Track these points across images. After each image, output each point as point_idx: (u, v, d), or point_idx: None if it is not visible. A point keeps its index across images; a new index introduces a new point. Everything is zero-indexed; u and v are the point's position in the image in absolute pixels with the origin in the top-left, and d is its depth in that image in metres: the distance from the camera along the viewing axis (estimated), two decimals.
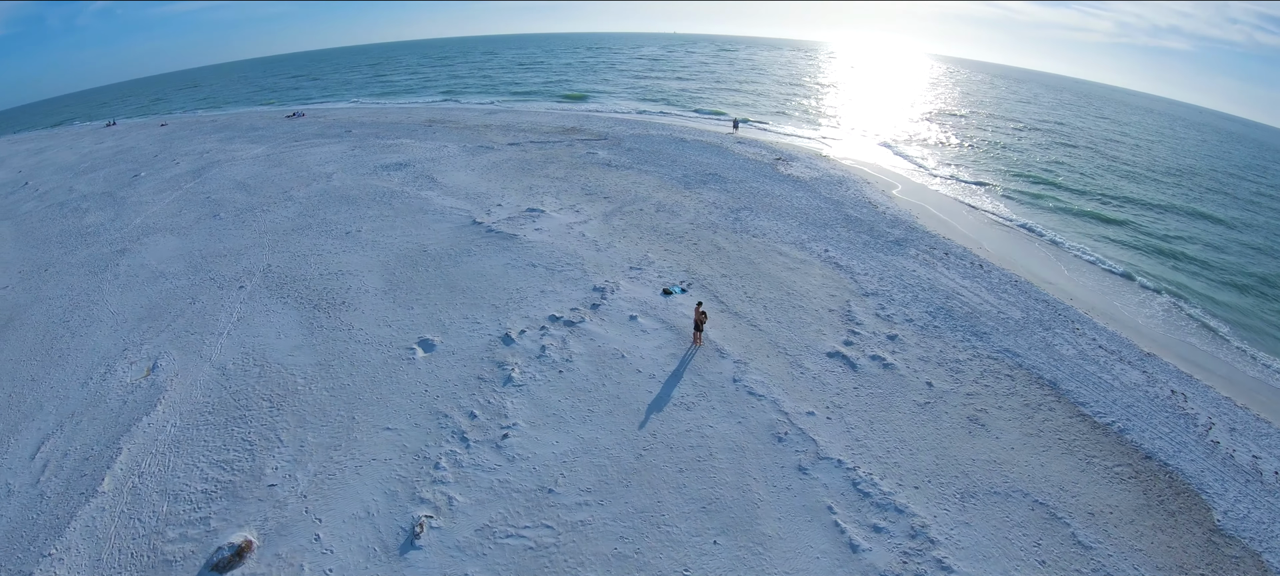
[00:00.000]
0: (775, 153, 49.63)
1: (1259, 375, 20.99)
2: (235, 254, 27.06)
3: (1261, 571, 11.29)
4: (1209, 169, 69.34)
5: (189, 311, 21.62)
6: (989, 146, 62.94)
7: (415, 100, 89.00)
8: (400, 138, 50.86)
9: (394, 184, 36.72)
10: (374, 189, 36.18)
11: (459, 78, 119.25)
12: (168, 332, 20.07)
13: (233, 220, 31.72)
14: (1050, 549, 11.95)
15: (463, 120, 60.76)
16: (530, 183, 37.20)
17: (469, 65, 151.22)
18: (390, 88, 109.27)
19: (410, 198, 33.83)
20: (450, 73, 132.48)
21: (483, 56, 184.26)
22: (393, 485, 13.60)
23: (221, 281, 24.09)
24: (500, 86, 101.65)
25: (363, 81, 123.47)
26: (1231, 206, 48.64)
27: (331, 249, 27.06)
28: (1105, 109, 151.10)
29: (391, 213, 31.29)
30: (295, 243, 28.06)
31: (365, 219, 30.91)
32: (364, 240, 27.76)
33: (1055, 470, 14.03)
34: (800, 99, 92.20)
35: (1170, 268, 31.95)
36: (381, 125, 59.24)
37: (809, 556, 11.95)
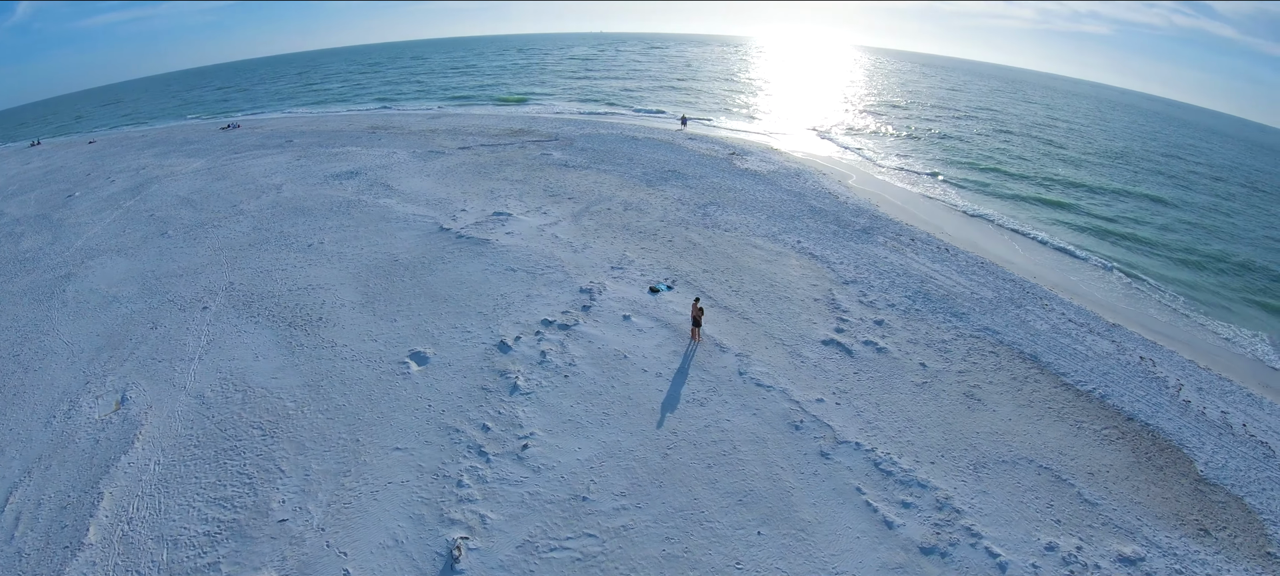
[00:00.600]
0: (728, 148, 50.89)
1: (1214, 341, 23.82)
2: (191, 273, 25.30)
3: (1245, 513, 12.93)
4: (1142, 150, 76.84)
5: (151, 337, 19.87)
6: (931, 136, 67.02)
7: (352, 108, 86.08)
8: (345, 146, 49.26)
9: (349, 193, 35.28)
10: (329, 199, 34.53)
11: (392, 84, 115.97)
12: (132, 361, 18.32)
13: (183, 238, 29.70)
14: (1061, 508, 13.15)
15: (406, 126, 59.07)
16: (490, 186, 36.49)
17: (399, 71, 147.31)
18: (323, 96, 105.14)
19: (369, 206, 32.48)
20: (382, 79, 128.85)
21: (412, 61, 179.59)
22: (417, 508, 13.12)
23: (181, 303, 22.34)
24: (437, 91, 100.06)
25: (293, 90, 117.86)
26: (1167, 186, 54.12)
27: (295, 263, 25.59)
28: (1033, 94, 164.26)
29: (352, 222, 29.96)
30: (255, 258, 26.46)
31: (325, 230, 29.43)
32: (328, 252, 26.39)
33: (1051, 437, 15.40)
34: (739, 94, 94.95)
35: (1123, 249, 35.10)
36: (323, 133, 56.94)
37: (849, 537, 12.56)
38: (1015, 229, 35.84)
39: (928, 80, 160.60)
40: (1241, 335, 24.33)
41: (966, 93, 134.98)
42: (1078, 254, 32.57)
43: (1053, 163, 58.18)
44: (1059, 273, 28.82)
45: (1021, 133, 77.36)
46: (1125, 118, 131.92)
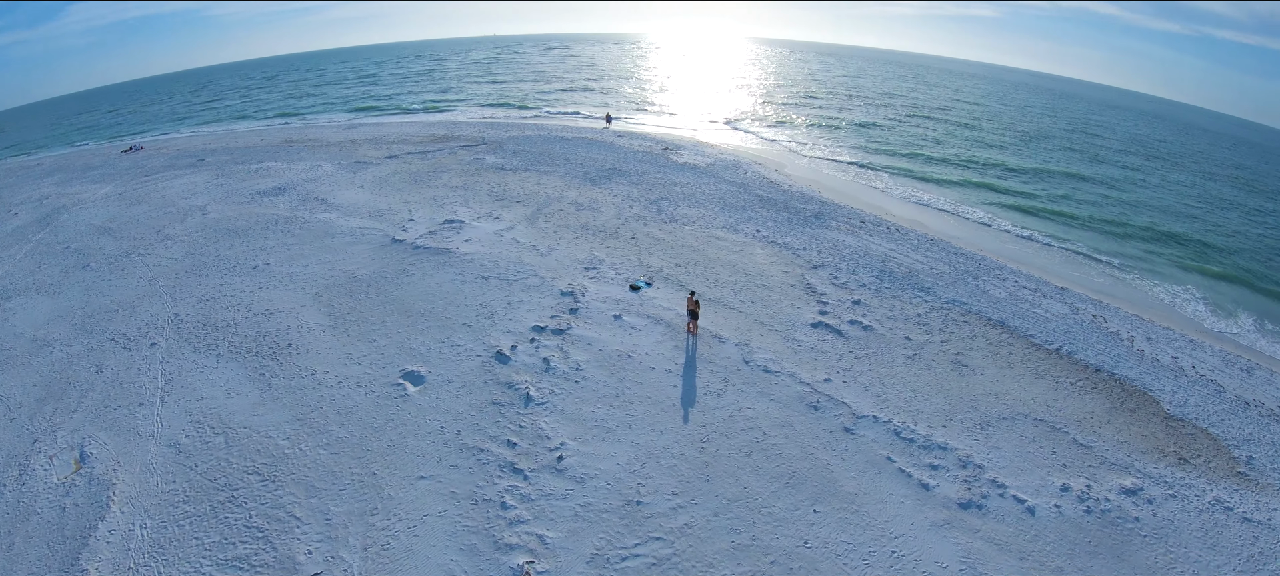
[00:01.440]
0: (659, 143, 51.96)
1: (1150, 297, 27.70)
2: (128, 307, 22.35)
3: (1212, 442, 15.45)
4: (1052, 129, 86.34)
5: (99, 382, 17.11)
6: (850, 124, 71.81)
7: (257, 123, 79.78)
8: (264, 161, 45.66)
9: (282, 210, 32.51)
10: (262, 217, 31.61)
11: (294, 97, 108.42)
12: (82, 412, 15.66)
13: (108, 269, 26.16)
14: (1063, 453, 14.99)
15: (323, 138, 55.49)
16: (431, 194, 34.92)
17: (297, 83, 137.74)
18: (222, 113, 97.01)
19: (307, 222, 30.06)
20: (282, 92, 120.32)
21: (308, 73, 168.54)
22: (465, 538, 12.49)
23: (124, 341, 19.55)
24: (342, 102, 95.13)
25: (189, 109, 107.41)
26: (1082, 162, 61.04)
27: (243, 287, 23.19)
28: (932, 78, 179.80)
29: (294, 240, 27.64)
30: (196, 285, 23.79)
31: (267, 250, 26.90)
32: (277, 273, 24.11)
33: (1036, 392, 17.44)
34: (650, 91, 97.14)
35: (1053, 223, 39.04)
36: (236, 150, 52.48)
37: (895, 503, 13.56)
38: (951, 210, 39.39)
39: (830, 70, 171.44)
40: (1172, 291, 28.74)
41: (871, 79, 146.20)
42: (1014, 229, 36.43)
43: (972, 145, 64.07)
44: (1002, 245, 32.31)
45: (935, 117, 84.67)
46: (1025, 96, 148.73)
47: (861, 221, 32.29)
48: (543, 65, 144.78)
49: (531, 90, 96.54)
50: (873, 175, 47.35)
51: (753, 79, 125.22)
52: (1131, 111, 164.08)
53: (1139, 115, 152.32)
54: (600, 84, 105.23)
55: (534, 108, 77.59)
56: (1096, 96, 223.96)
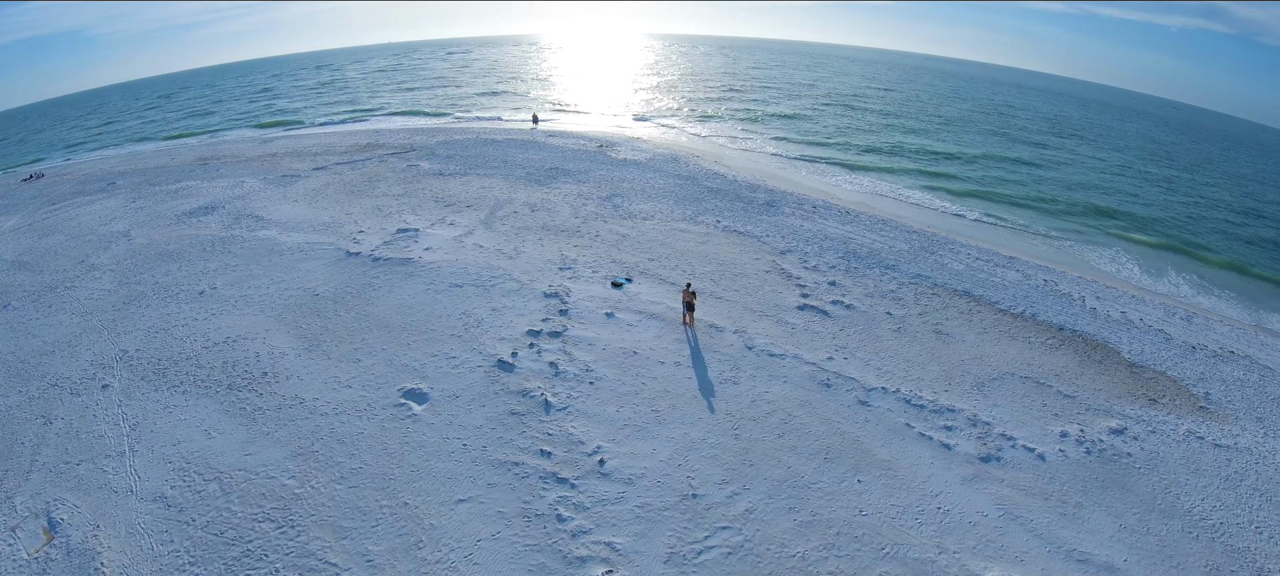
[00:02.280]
0: (593, 140, 51.97)
1: (1087, 261, 31.17)
2: (65, 347, 19.28)
3: (1173, 383, 18.02)
4: (968, 112, 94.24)
5: (50, 436, 14.36)
6: (772, 116, 75.18)
7: (162, 143, 71.80)
8: (181, 181, 41.13)
9: (215, 230, 29.40)
10: (194, 239, 28.39)
11: (196, 115, 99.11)
12: (39, 472, 13.02)
13: (33, 306, 22.51)
14: (1053, 404, 16.90)
15: (239, 153, 50.92)
16: (374, 203, 32.74)
17: (194, 101, 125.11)
18: (120, 135, 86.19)
19: (247, 241, 27.39)
20: (181, 111, 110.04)
21: (205, 89, 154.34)
22: (531, 558, 12.00)
23: (70, 386, 16.64)
24: (248, 117, 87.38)
25: (82, 135, 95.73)
26: (1002, 143, 67.11)
27: (194, 315, 20.65)
28: (834, 66, 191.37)
29: (238, 261, 25.06)
30: (139, 317, 20.94)
31: (210, 273, 24.14)
32: (228, 297, 21.63)
33: (1015, 352, 19.46)
34: (568, 90, 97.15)
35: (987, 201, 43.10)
36: (147, 171, 47.12)
37: (925, 464, 14.67)
38: (892, 193, 42.39)
39: (738, 63, 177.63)
40: (1106, 255, 32.98)
41: (779, 70, 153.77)
42: (952, 208, 39.85)
43: (896, 132, 68.96)
44: (945, 222, 35.39)
45: (855, 106, 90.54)
46: (928, 80, 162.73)
47: (813, 207, 34.15)
48: (447, 71, 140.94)
49: (444, 96, 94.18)
50: (809, 163, 50.09)
51: (667, 75, 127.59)
52: (1031, 90, 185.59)
53: (1040, 93, 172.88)
54: (512, 87, 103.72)
55: (451, 113, 75.70)
56: (991, 76, 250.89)
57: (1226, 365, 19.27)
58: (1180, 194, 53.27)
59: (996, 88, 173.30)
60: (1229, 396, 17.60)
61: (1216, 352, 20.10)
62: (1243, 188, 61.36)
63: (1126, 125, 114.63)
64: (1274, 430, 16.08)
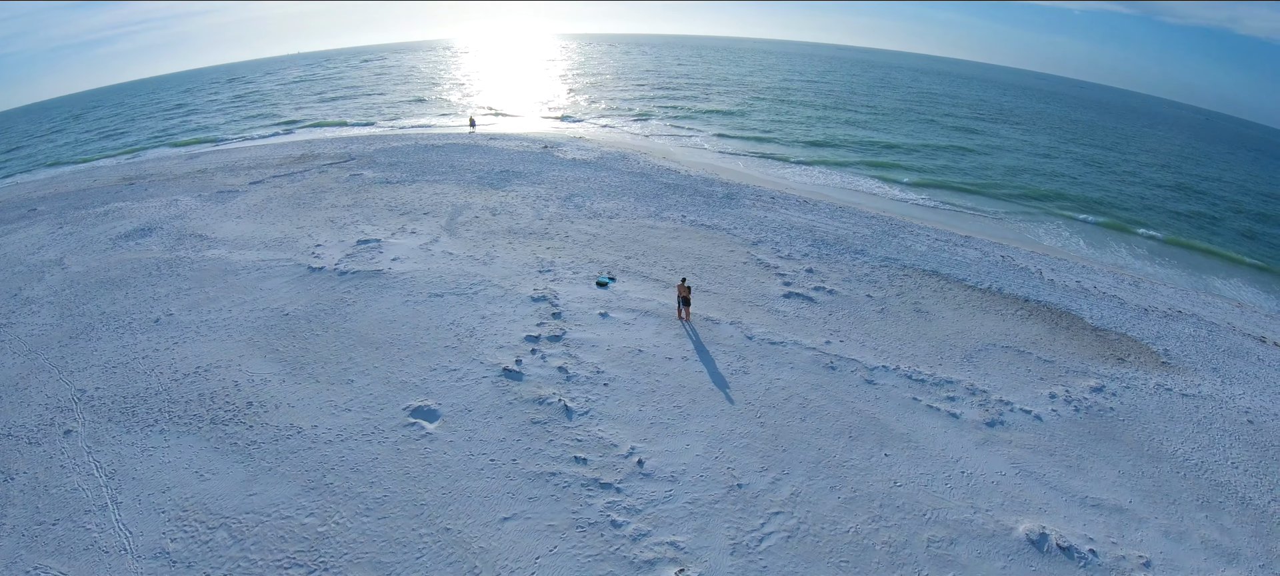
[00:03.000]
0: (536, 142, 51.30)
1: (1036, 236, 33.91)
2: (12, 391, 16.73)
3: (1135, 343, 20.24)
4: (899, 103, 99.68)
5: (15, 494, 12.21)
6: (709, 111, 77.07)
7: (80, 166, 63.41)
8: (109, 202, 36.54)
9: (157, 252, 26.43)
10: (137, 263, 25.41)
11: (109, 137, 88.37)
12: (11, 538, 11.02)
13: None
14: (1036, 369, 18.59)
15: (166, 171, 46.04)
16: (325, 216, 30.69)
17: (105, 121, 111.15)
18: (29, 160, 75.82)
19: (196, 262, 24.93)
20: (93, 132, 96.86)
21: (115, 109, 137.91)
22: (596, 568, 11.77)
23: (27, 435, 14.32)
24: (166, 134, 79.37)
25: None
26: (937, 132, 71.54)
27: (153, 345, 18.47)
28: (755, 59, 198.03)
29: (190, 284, 22.73)
30: (91, 352, 18.47)
31: (162, 299, 21.74)
32: (188, 323, 19.49)
33: (991, 324, 21.19)
34: (495, 93, 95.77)
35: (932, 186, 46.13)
36: (69, 194, 41.31)
37: (940, 434, 15.72)
38: (841, 182, 44.72)
39: (661, 60, 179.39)
40: (1050, 229, 36.45)
41: (702, 66, 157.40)
42: (900, 194, 42.52)
43: (831, 124, 72.07)
44: (898, 207, 37.73)
45: (787, 100, 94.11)
46: (850, 70, 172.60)
47: (771, 198, 35.41)
48: (366, 79, 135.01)
49: (369, 104, 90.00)
50: (758, 158, 51.82)
51: (594, 74, 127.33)
52: (950, 77, 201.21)
53: (958, 79, 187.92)
54: (437, 92, 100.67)
55: (379, 121, 72.55)
56: (907, 65, 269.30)
57: (1177, 323, 22.04)
58: (1107, 170, 60.24)
59: (916, 76, 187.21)
60: (1185, 351, 20.14)
61: (1166, 313, 22.93)
62: (1160, 160, 70.41)
63: (1045, 107, 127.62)
64: (1229, 378, 18.62)
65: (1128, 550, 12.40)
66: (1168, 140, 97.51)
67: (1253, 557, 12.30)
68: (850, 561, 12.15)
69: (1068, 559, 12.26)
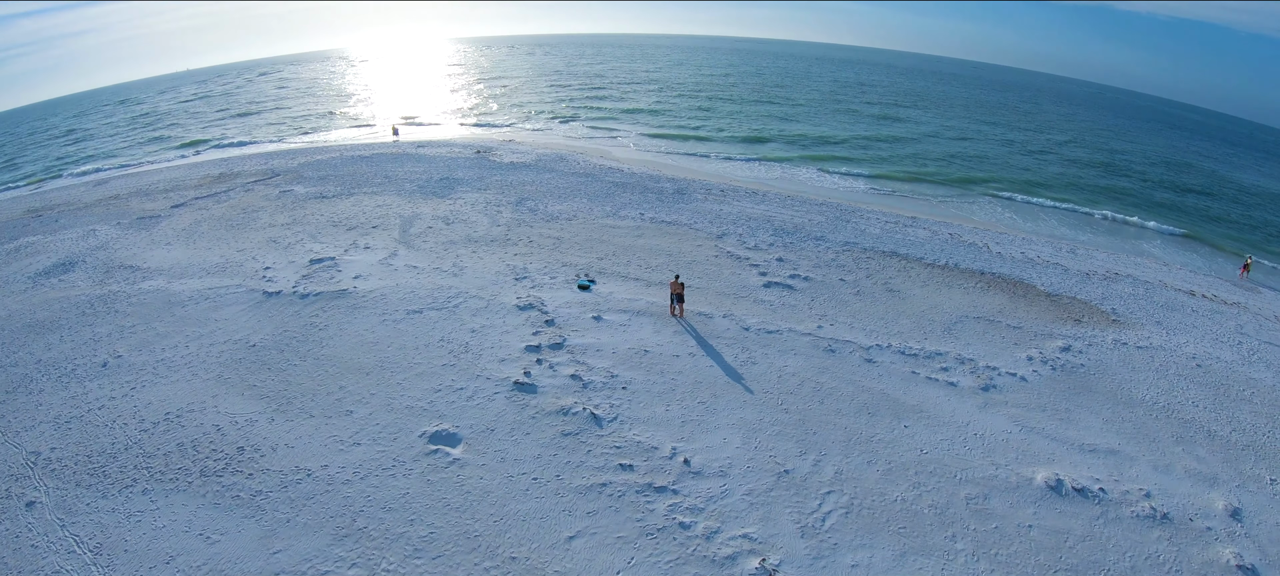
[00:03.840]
0: (467, 147, 49.77)
1: (975, 213, 36.90)
2: None
3: (1085, 304, 22.79)
4: (810, 93, 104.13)
5: None
6: (634, 110, 77.47)
7: None
8: (17, 238, 31.27)
9: (85, 288, 22.84)
10: (66, 302, 21.87)
11: (8, 168, 72.39)
12: None
13: None
14: (1007, 336, 20.58)
15: (74, 200, 39.56)
16: (265, 236, 28.02)
17: None
18: None
19: (132, 296, 21.89)
20: None
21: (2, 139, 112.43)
22: (680, 570, 11.71)
23: None
24: (64, 162, 69.15)
25: None
26: (855, 119, 75.48)
27: (107, 393, 16.01)
28: (660, 56, 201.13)
29: (134, 321, 19.96)
30: (36, 407, 15.82)
31: (103, 340, 18.86)
32: (140, 365, 17.06)
33: (958, 298, 23.16)
34: (407, 101, 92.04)
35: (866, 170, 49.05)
36: None
37: (944, 402, 17.06)
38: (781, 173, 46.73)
39: (569, 61, 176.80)
40: (983, 206, 40.03)
41: (613, 63, 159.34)
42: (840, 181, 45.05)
43: (756, 118, 74.35)
44: (842, 194, 39.97)
45: (702, 92, 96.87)
46: (759, 62, 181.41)
47: (721, 191, 36.43)
48: (267, 92, 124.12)
49: (278, 118, 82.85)
50: (696, 156, 53.23)
51: (505, 77, 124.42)
52: (856, 65, 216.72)
53: (863, 67, 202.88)
54: (345, 103, 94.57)
55: (293, 135, 67.36)
56: (807, 53, 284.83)
57: (1117, 284, 25.23)
58: (1021, 148, 67.72)
59: (823, 64, 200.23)
60: (1130, 309, 23.12)
61: (1106, 276, 26.17)
62: (1066, 134, 79.61)
63: (952, 89, 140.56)
64: (1171, 329, 21.62)
65: (1129, 485, 14.20)
66: (1068, 115, 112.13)
67: (1229, 480, 14.53)
68: (906, 527, 12.99)
69: (1084, 498, 13.84)
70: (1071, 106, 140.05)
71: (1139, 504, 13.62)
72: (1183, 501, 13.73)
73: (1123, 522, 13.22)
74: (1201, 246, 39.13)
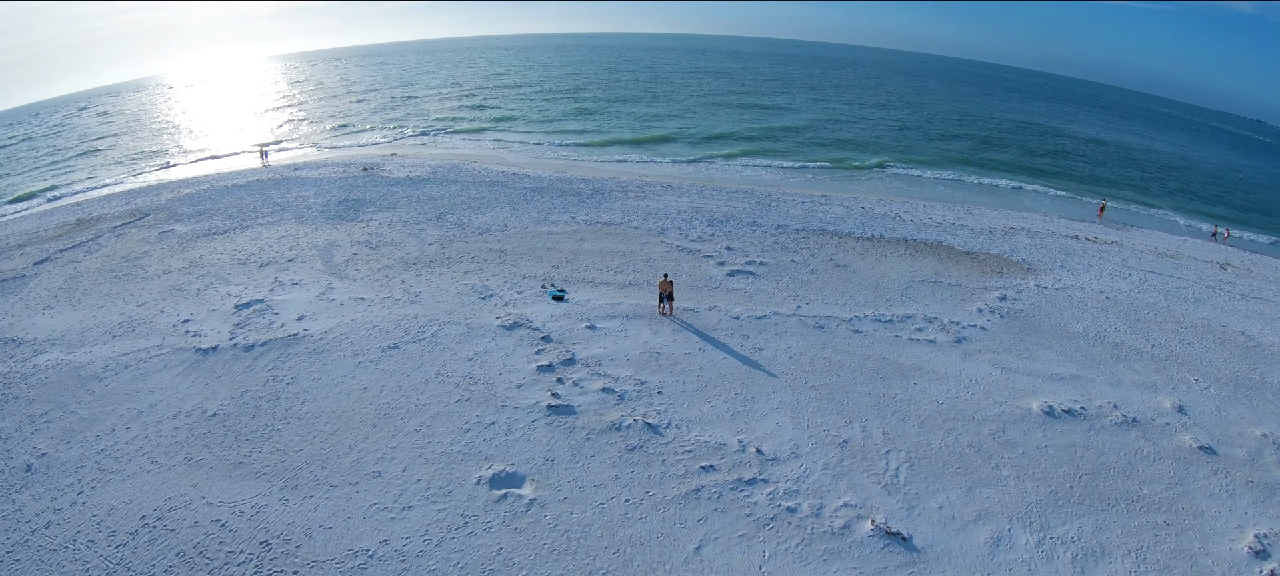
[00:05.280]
0: (350, 165, 45.86)
1: (875, 186, 40.68)
2: None
3: (1001, 259, 26.80)
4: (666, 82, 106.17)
5: None
6: (498, 118, 74.87)
7: None
8: None
9: None
10: None
11: None
12: None
13: None
14: (953, 293, 23.80)
15: None
16: (167, 284, 23.40)
17: None
18: None
19: (29, 377, 17.15)
20: None
21: None
22: (811, 551, 12.18)
23: None
24: None
25: None
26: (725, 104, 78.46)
27: (50, 504, 12.52)
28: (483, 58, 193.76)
29: (43, 407, 15.56)
30: None
31: (13, 436, 14.76)
32: (76, 462, 13.34)
33: (898, 265, 26.15)
34: (260, 122, 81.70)
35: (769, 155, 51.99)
36: None
37: (933, 358, 19.39)
38: (677, 164, 48.35)
39: (405, 70, 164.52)
40: (880, 176, 44.09)
41: (445, 70, 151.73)
42: (741, 168, 47.54)
43: (616, 116, 75.11)
44: (751, 179, 42.53)
45: (555, 95, 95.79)
46: (607, 56, 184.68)
47: (637, 188, 37.00)
48: (92, 126, 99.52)
49: (119, 154, 67.86)
50: (590, 155, 53.05)
51: (350, 91, 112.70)
52: (693, 53, 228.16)
53: (718, 55, 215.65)
54: (189, 134, 79.17)
55: (144, 171, 56.77)
56: (666, 45, 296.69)
57: (1017, 238, 30.06)
58: (891, 124, 76.58)
59: (658, 54, 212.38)
60: (1037, 257, 27.78)
61: (1005, 231, 31.01)
62: (922, 105, 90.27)
63: (795, 71, 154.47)
64: (1076, 270, 26.43)
65: (1099, 401, 17.48)
66: (920, 87, 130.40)
67: (1165, 385, 18.51)
68: (960, 466, 14.78)
69: (1073, 417, 16.80)
70: (919, 79, 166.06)
71: (1112, 414, 16.89)
72: (1141, 407, 17.30)
73: (1107, 431, 16.34)
74: (1065, 197, 48.36)
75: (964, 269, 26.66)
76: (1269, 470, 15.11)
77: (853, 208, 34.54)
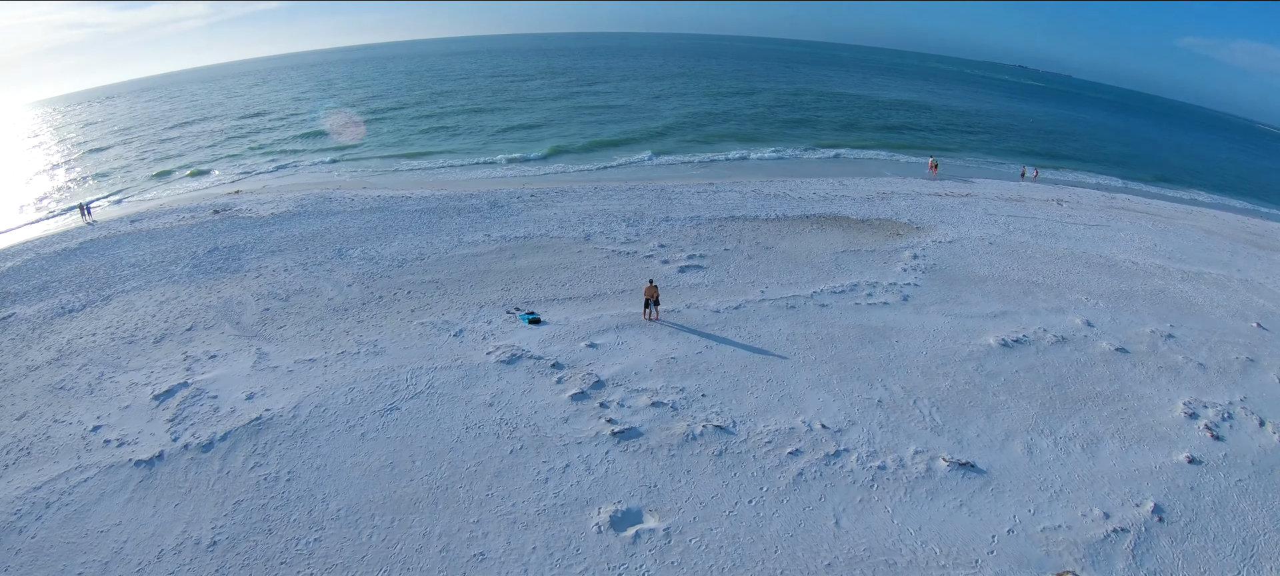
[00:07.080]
0: (196, 209, 38.24)
1: (748, 167, 43.14)
2: None
3: (891, 222, 30.86)
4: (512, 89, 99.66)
5: None
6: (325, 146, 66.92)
7: None
8: None
9: None
10: None
11: None
12: None
13: None
14: (874, 259, 27.30)
15: None
16: (45, 385, 16.00)
17: None
18: None
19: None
20: None
21: None
22: (940, 503, 13.66)
23: None
24: None
25: None
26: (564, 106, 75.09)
27: None
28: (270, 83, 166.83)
29: None
30: None
31: None
32: None
33: (815, 239, 29.17)
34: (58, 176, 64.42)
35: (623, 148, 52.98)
36: None
37: (896, 316, 22.33)
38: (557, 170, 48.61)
39: (182, 103, 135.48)
40: (741, 163, 46.64)
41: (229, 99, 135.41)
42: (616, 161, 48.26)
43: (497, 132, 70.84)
44: (639, 176, 42.91)
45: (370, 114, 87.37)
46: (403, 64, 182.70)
47: (532, 196, 35.99)
48: None
49: None
50: (462, 169, 50.78)
51: (144, 133, 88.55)
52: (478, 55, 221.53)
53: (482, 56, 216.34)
54: None
55: None
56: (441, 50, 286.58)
57: (893, 201, 34.85)
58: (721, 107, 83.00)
59: (463, 59, 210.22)
60: (920, 216, 32.60)
61: (881, 196, 35.76)
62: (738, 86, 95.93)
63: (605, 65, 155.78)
64: (955, 223, 31.56)
65: (1030, 329, 21.74)
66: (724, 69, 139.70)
67: (1068, 307, 23.63)
68: (971, 399, 17.58)
69: (1022, 344, 20.73)
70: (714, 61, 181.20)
71: (1046, 337, 21.23)
72: (1061, 327, 21.98)
73: (1048, 350, 20.56)
74: (902, 157, 56.68)
75: (868, 235, 30.85)
76: (1167, 356, 20.49)
77: (744, 192, 37.69)
